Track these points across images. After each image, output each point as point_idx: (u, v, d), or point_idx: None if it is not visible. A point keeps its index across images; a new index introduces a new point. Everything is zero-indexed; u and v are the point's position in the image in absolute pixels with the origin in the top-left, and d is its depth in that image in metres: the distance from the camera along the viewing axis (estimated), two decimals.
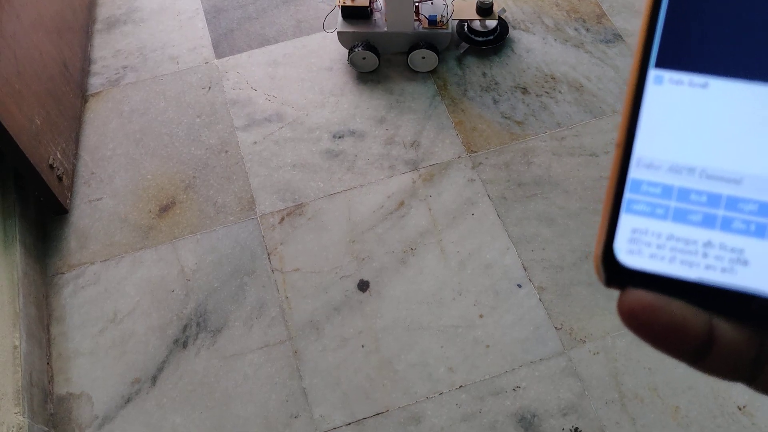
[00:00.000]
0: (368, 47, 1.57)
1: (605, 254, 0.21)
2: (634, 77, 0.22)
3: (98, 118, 1.61)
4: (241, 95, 1.62)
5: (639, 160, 0.22)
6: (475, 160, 1.48)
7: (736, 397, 1.18)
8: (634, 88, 0.22)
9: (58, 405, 1.25)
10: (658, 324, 0.20)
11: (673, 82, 0.21)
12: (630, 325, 0.20)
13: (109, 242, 1.42)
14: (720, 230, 0.20)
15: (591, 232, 1.37)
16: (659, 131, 0.21)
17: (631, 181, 0.22)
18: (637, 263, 0.21)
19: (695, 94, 0.21)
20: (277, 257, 1.38)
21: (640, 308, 0.20)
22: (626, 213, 0.21)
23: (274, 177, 1.49)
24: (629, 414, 1.18)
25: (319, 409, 1.21)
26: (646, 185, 0.21)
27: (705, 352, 0.20)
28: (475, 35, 1.62)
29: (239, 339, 1.29)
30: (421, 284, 1.33)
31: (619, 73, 1.60)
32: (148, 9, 1.81)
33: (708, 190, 0.21)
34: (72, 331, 1.32)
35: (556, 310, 1.29)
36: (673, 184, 0.21)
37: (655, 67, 0.22)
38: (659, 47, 0.22)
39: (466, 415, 1.19)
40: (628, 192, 0.22)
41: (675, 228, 0.21)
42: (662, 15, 0.22)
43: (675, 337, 0.20)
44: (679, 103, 0.21)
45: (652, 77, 0.22)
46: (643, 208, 0.21)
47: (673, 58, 0.21)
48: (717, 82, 0.21)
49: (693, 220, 0.21)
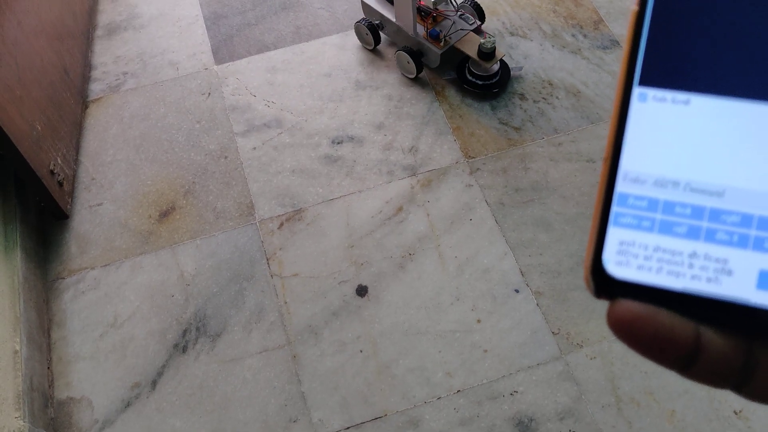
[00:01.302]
0: (371, 27, 1.61)
1: (594, 266, 0.22)
2: (620, 94, 0.23)
3: (99, 124, 1.62)
4: (241, 101, 1.63)
5: (625, 175, 0.22)
6: (473, 165, 1.49)
7: (732, 402, 1.19)
8: (619, 105, 0.23)
9: (58, 409, 1.26)
10: (646, 333, 0.20)
11: (657, 99, 0.22)
12: (619, 334, 0.21)
13: (110, 247, 1.43)
14: (704, 241, 0.21)
15: (588, 237, 1.38)
16: (644, 146, 0.22)
17: (618, 194, 0.22)
18: (625, 274, 0.22)
19: (678, 110, 0.22)
20: (276, 262, 1.39)
21: (628, 318, 0.21)
22: (614, 226, 0.22)
23: (273, 182, 1.50)
24: (625, 418, 1.18)
25: (318, 413, 1.22)
26: (633, 198, 0.22)
27: (693, 360, 0.20)
28: (469, 74, 1.56)
29: (238, 344, 1.30)
30: (420, 289, 1.34)
31: (616, 79, 1.61)
32: (148, 15, 1.82)
33: (692, 203, 0.21)
34: (72, 335, 1.33)
35: (553, 314, 1.29)
36: (659, 198, 0.22)
37: (639, 85, 0.22)
38: (642, 66, 0.22)
39: (464, 420, 1.20)
40: (616, 205, 0.22)
41: (661, 240, 0.21)
42: (645, 35, 0.22)
43: (663, 346, 0.20)
44: (663, 119, 0.22)
45: (637, 95, 0.22)
46: (630, 220, 0.22)
47: (656, 77, 0.22)
48: (698, 99, 0.22)
49: (678, 232, 0.21)
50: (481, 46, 1.49)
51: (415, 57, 1.56)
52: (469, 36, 1.55)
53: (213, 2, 1.84)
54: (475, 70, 1.55)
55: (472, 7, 1.63)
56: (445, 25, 1.56)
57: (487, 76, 1.55)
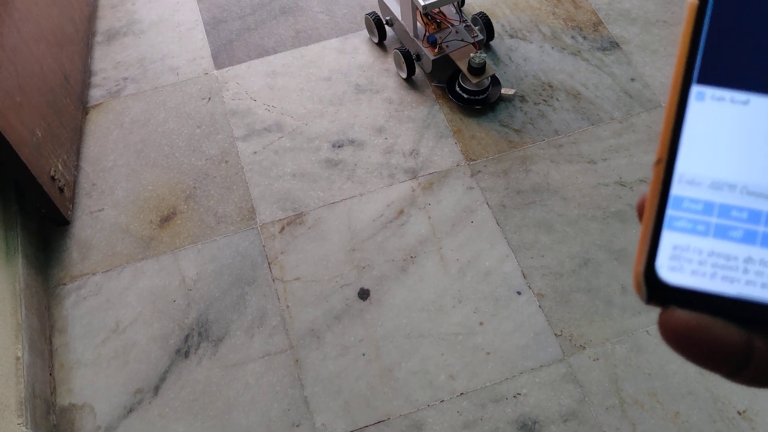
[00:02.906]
0: (377, 22, 1.64)
1: (647, 271, 0.21)
2: (676, 93, 0.22)
3: (99, 130, 1.62)
4: (241, 105, 1.63)
5: (681, 177, 0.22)
6: (474, 168, 1.49)
7: (736, 402, 1.18)
8: (675, 104, 0.22)
9: (60, 416, 1.25)
10: (701, 345, 0.20)
11: (715, 98, 0.22)
12: (673, 345, 0.21)
13: (111, 253, 1.43)
14: (760, 246, 0.21)
15: (589, 238, 1.38)
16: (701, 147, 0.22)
17: (673, 197, 0.22)
18: (679, 280, 0.21)
19: (736, 110, 0.21)
20: (278, 266, 1.38)
21: (684, 330, 0.20)
22: (668, 230, 0.22)
23: (274, 186, 1.49)
24: (629, 420, 1.18)
25: (321, 417, 1.22)
26: (688, 202, 0.21)
27: (743, 366, 0.20)
28: (458, 86, 1.56)
29: (240, 348, 1.30)
30: (421, 292, 1.33)
31: (616, 80, 1.61)
32: (148, 21, 1.82)
33: (749, 207, 0.21)
34: (74, 341, 1.33)
35: (555, 316, 1.29)
36: (714, 201, 0.21)
37: (697, 83, 0.22)
38: (701, 63, 0.22)
39: (467, 423, 1.19)
40: (670, 209, 0.22)
41: (716, 244, 0.21)
42: (705, 31, 0.22)
43: (717, 356, 0.20)
44: (721, 119, 0.21)
45: (695, 93, 0.22)
46: (684, 224, 0.21)
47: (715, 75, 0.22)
48: (758, 100, 0.21)
49: (734, 236, 0.21)
50: (470, 61, 1.48)
51: (408, 59, 1.57)
52: (468, 49, 1.54)
53: (213, 7, 1.84)
54: (463, 83, 1.54)
55: (483, 22, 1.63)
56: (445, 33, 1.56)
57: (475, 91, 1.54)
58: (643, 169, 1.47)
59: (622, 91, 1.59)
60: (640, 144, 1.50)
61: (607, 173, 1.46)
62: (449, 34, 1.56)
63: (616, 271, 1.33)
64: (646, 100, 1.57)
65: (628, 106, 1.56)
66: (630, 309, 1.29)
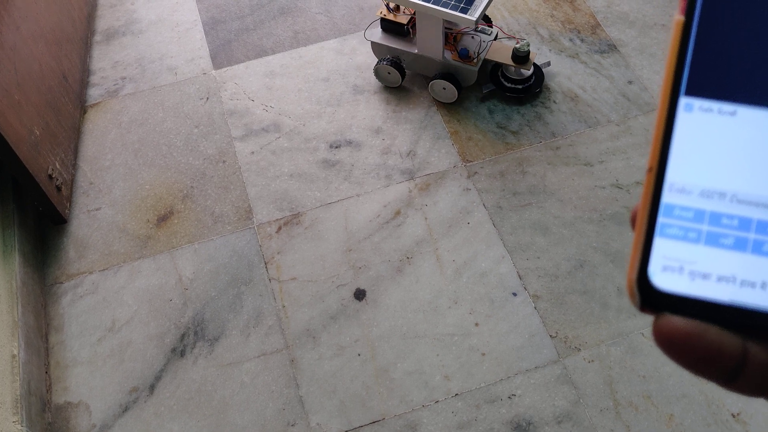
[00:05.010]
0: (394, 64, 1.57)
1: (640, 278, 0.22)
2: (665, 104, 0.22)
3: (97, 129, 1.62)
4: (239, 105, 1.64)
5: (671, 185, 0.22)
6: (471, 169, 1.49)
7: (730, 405, 1.19)
8: (665, 115, 0.22)
9: (56, 414, 1.25)
10: (695, 352, 0.20)
11: (703, 109, 0.22)
12: (667, 351, 0.21)
13: (108, 252, 1.43)
14: (751, 253, 0.21)
15: (585, 240, 1.38)
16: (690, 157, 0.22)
17: (665, 205, 0.22)
18: (672, 286, 0.21)
19: (724, 121, 0.22)
20: (274, 266, 1.39)
21: (678, 337, 0.20)
22: (660, 237, 0.22)
23: (272, 187, 1.50)
24: (624, 422, 1.18)
25: (316, 417, 1.22)
26: (679, 209, 0.22)
27: (738, 373, 0.21)
28: (506, 80, 1.56)
29: (236, 348, 1.30)
30: (417, 293, 1.34)
31: (613, 83, 1.61)
32: (147, 21, 1.83)
33: (739, 214, 0.21)
34: (70, 340, 1.33)
35: (551, 318, 1.29)
36: (705, 209, 0.22)
37: (685, 94, 0.22)
38: (688, 76, 0.22)
39: (461, 423, 1.20)
40: (662, 216, 0.22)
41: (707, 251, 0.21)
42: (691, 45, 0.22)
43: (711, 363, 0.20)
44: (709, 129, 0.22)
45: (683, 105, 0.22)
46: (676, 232, 0.22)
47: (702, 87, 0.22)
48: (745, 111, 0.22)
49: (725, 244, 0.21)
50: (516, 51, 1.50)
51: (452, 80, 1.53)
52: (495, 45, 1.55)
53: (211, 7, 1.85)
54: (510, 75, 1.55)
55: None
56: (470, 43, 1.55)
57: (523, 79, 1.55)
58: (639, 172, 1.47)
59: (619, 94, 1.59)
60: (637, 147, 1.50)
61: (603, 176, 1.47)
62: (470, 41, 1.55)
63: (611, 274, 1.34)
64: (644, 103, 1.57)
65: (625, 108, 1.57)
66: (625, 311, 1.30)
